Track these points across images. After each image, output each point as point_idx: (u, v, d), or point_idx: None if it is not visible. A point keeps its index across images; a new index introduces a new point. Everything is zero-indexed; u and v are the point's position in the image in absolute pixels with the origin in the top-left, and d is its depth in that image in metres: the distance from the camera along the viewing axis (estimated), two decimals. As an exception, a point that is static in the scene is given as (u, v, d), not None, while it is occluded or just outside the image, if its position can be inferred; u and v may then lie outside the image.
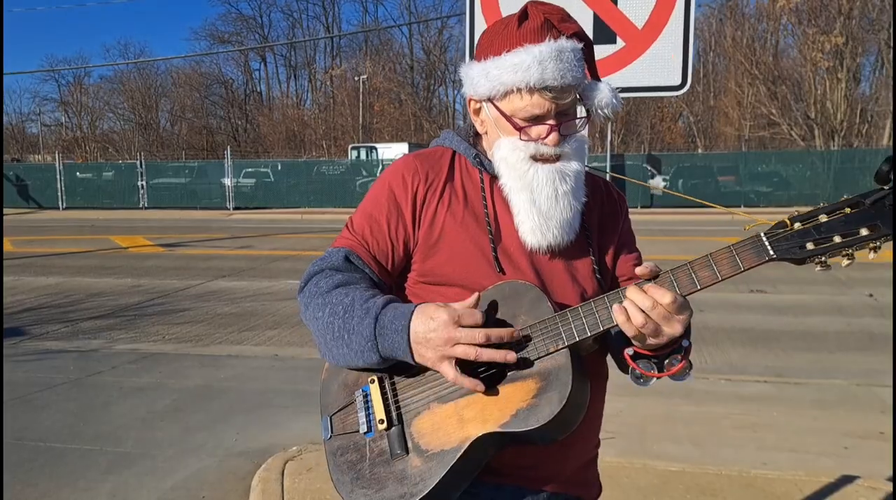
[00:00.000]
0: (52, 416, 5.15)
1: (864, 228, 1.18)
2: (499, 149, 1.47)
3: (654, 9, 2.36)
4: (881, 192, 1.18)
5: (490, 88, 1.42)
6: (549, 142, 1.42)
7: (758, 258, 1.26)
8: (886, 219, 1.18)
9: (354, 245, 1.52)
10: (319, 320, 1.44)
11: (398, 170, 1.56)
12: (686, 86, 2.42)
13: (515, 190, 1.44)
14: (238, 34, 54.52)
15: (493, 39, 1.45)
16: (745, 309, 8.44)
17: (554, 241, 1.45)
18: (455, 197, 1.51)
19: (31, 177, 31.33)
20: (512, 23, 1.44)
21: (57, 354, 6.84)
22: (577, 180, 1.47)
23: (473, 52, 2.58)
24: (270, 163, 31.28)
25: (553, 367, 1.31)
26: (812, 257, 1.21)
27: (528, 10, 1.45)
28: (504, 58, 1.40)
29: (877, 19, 30.32)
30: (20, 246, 16.33)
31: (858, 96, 32.18)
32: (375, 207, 1.54)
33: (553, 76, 1.37)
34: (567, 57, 1.38)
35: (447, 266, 1.47)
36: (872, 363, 6.10)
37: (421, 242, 1.51)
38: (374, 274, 1.51)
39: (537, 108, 1.40)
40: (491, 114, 1.47)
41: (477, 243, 1.46)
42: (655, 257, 9.23)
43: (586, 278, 1.50)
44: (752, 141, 36.10)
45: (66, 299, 9.77)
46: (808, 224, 1.22)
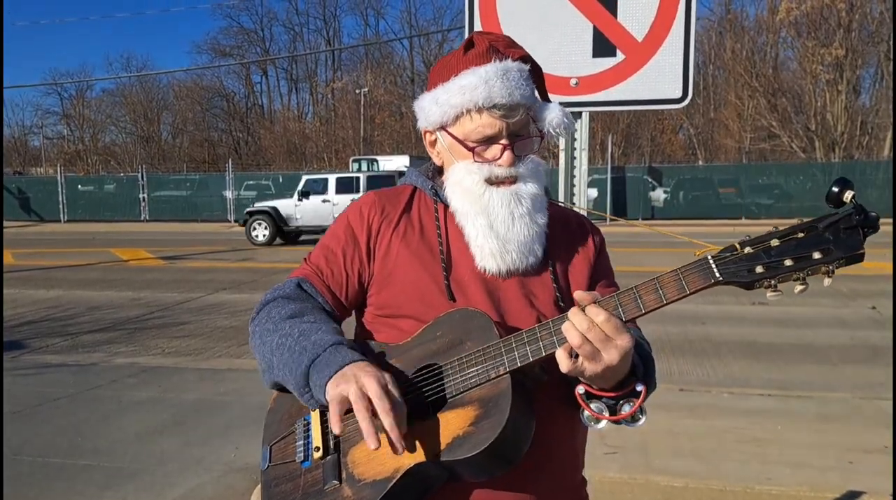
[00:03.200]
0: (51, 430, 5.12)
1: (817, 252, 1.15)
2: (453, 173, 1.46)
3: (654, 22, 2.35)
4: (834, 215, 1.16)
5: (441, 114, 1.43)
6: (502, 162, 1.40)
7: (704, 281, 1.22)
8: (840, 242, 1.15)
9: (309, 274, 1.52)
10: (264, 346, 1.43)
11: (357, 205, 1.57)
12: (687, 99, 2.41)
13: (471, 214, 1.43)
14: (239, 47, 54.78)
15: (441, 69, 1.47)
16: (747, 322, 8.41)
17: (513, 265, 1.42)
18: (410, 228, 1.50)
19: (32, 190, 31.40)
20: (458, 51, 1.47)
21: (56, 367, 6.82)
22: (535, 202, 1.44)
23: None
24: (272, 175, 31.35)
25: (493, 394, 1.26)
26: (761, 280, 1.18)
27: (474, 38, 1.48)
28: (452, 82, 1.41)
29: (876, 31, 30.42)
30: (21, 259, 16.33)
31: (859, 108, 32.24)
32: (332, 240, 1.54)
33: (500, 94, 1.37)
34: (513, 76, 1.40)
35: (401, 296, 1.45)
36: (876, 376, 6.06)
37: (376, 274, 1.49)
38: (327, 304, 1.50)
39: (488, 128, 1.40)
40: (445, 141, 1.47)
41: (430, 273, 1.44)
42: (655, 268, 9.15)
43: (545, 305, 1.45)
44: (753, 153, 36.13)
45: (67, 312, 9.75)
46: (758, 248, 1.18)
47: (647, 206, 26.02)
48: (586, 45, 2.39)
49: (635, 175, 26.80)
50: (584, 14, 2.38)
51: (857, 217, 1.15)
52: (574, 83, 2.41)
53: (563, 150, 2.63)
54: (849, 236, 1.15)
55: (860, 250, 1.16)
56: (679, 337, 7.60)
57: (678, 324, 8.11)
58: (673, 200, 25.81)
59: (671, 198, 25.83)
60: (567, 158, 2.56)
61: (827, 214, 1.17)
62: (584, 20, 2.39)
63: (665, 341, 7.37)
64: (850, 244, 1.15)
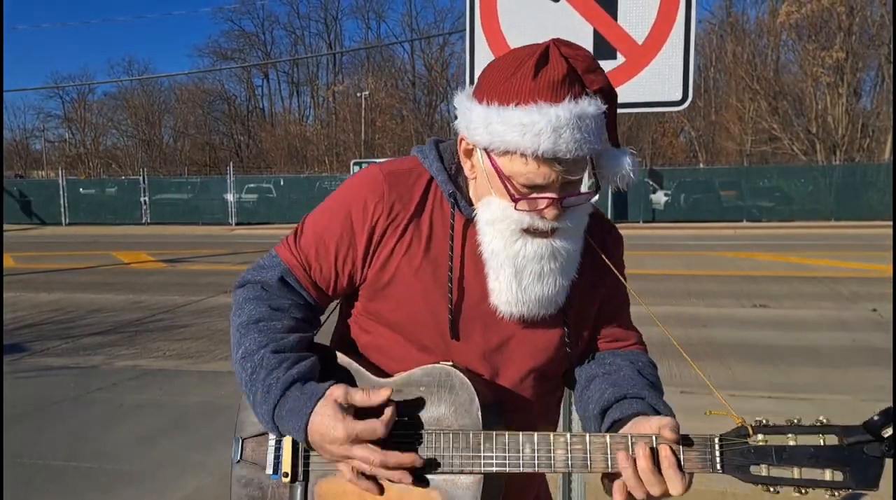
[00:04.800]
0: (53, 433, 5.12)
1: (829, 472, 1.05)
2: (487, 209, 1.28)
3: (655, 24, 2.36)
4: (863, 436, 1.03)
5: (489, 141, 1.21)
6: (546, 215, 1.23)
7: (702, 466, 1.14)
8: (858, 469, 1.04)
9: (294, 266, 1.39)
10: (234, 357, 1.36)
11: (362, 190, 1.37)
12: (687, 101, 2.41)
13: (499, 260, 1.28)
14: (241, 51, 54.92)
15: (500, 81, 1.21)
16: (748, 324, 8.41)
17: (528, 313, 1.30)
18: (417, 238, 1.34)
19: (34, 193, 31.44)
20: (527, 67, 1.19)
21: (57, 370, 6.82)
22: (570, 257, 1.30)
23: (473, 75, 2.57)
24: (273, 178, 31.40)
25: (460, 491, 1.22)
26: (760, 484, 1.10)
27: (550, 54, 1.20)
28: (512, 112, 1.17)
29: (877, 35, 30.46)
30: (22, 262, 16.35)
31: (860, 111, 32.27)
32: (328, 228, 1.38)
33: (568, 148, 1.16)
34: (588, 125, 1.17)
35: (392, 315, 1.36)
36: (878, 379, 6.06)
37: (369, 282, 1.37)
38: (311, 297, 1.40)
39: (540, 177, 1.20)
40: (484, 166, 1.26)
41: (428, 301, 1.33)
42: (658, 271, 9.23)
43: (547, 353, 1.38)
44: (754, 156, 36.18)
45: (67, 315, 9.76)
46: (772, 441, 1.09)
47: (647, 208, 26.03)
48: (586, 47, 2.39)
49: (636, 178, 26.78)
50: (584, 17, 2.39)
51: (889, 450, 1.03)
52: (575, 86, 2.41)
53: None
54: (869, 466, 1.04)
55: (875, 485, 1.03)
56: (681, 339, 7.59)
57: (680, 326, 8.11)
58: (674, 203, 25.83)
59: (672, 200, 25.84)
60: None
61: (857, 429, 1.04)
62: (585, 23, 2.39)
63: (666, 343, 7.35)
64: (867, 475, 1.04)
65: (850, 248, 16.27)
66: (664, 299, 10.06)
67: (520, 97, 1.17)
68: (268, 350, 1.30)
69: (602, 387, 1.37)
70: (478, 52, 2.48)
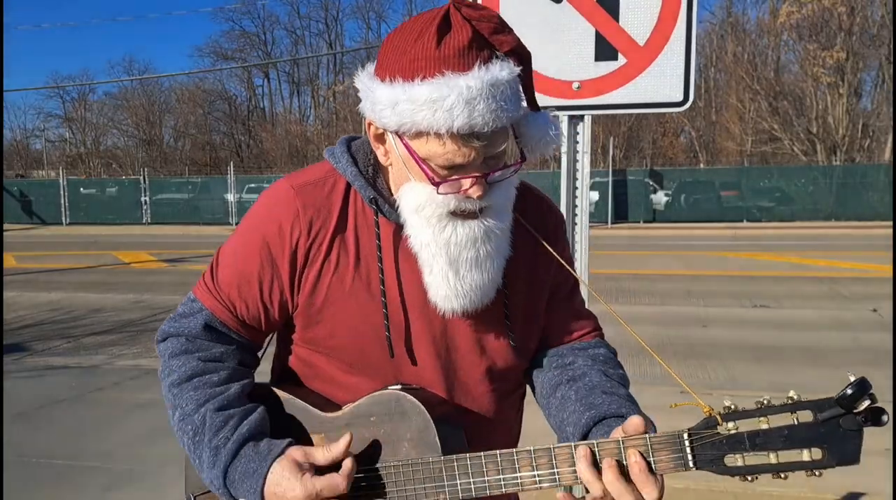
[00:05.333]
0: (54, 432, 5.13)
1: (807, 452, 0.99)
2: (408, 196, 1.17)
3: (656, 25, 2.37)
4: (836, 410, 0.97)
5: (399, 123, 1.09)
6: (472, 194, 1.13)
7: (675, 465, 1.05)
8: (836, 444, 0.98)
9: (218, 309, 1.26)
10: (171, 419, 1.26)
11: (274, 211, 1.25)
12: (688, 102, 2.42)
13: (430, 251, 1.18)
14: (241, 51, 54.87)
15: (401, 54, 1.09)
16: (749, 324, 8.42)
17: (470, 306, 1.21)
18: (345, 253, 1.24)
19: (34, 193, 31.46)
20: (428, 35, 1.07)
21: (59, 370, 6.83)
22: (503, 236, 1.21)
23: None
24: (273, 178, 31.21)
25: None
26: (737, 475, 1.03)
27: (452, 18, 1.08)
28: (418, 88, 1.06)
29: (877, 35, 30.45)
30: (23, 262, 16.36)
31: (860, 111, 32.26)
32: (246, 261, 1.26)
33: (484, 120, 1.05)
34: (503, 91, 1.07)
35: (332, 340, 1.27)
36: (878, 379, 6.03)
37: (301, 308, 1.26)
38: (243, 339, 1.30)
39: (460, 156, 1.09)
40: (399, 150, 1.15)
41: (367, 319, 1.24)
42: (659, 271, 9.23)
43: (497, 352, 1.29)
44: (754, 156, 36.16)
45: (69, 314, 9.77)
46: (743, 427, 1.02)
47: (648, 209, 26.03)
48: (588, 48, 2.41)
49: (636, 178, 26.82)
50: (586, 18, 2.40)
51: (866, 421, 0.97)
52: (576, 87, 2.43)
53: (565, 153, 2.65)
54: (848, 439, 0.98)
55: (856, 460, 0.98)
56: (681, 339, 7.61)
57: (680, 327, 8.12)
58: (674, 203, 25.83)
59: (672, 201, 25.85)
60: (569, 161, 2.58)
61: (830, 403, 0.98)
62: (587, 24, 2.40)
63: (667, 343, 7.37)
64: (847, 451, 0.98)
65: (851, 248, 16.28)
66: (665, 298, 10.07)
67: (425, 70, 1.06)
68: (209, 408, 1.21)
69: (575, 407, 1.26)
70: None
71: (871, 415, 0.97)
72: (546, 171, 25.82)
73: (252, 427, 1.20)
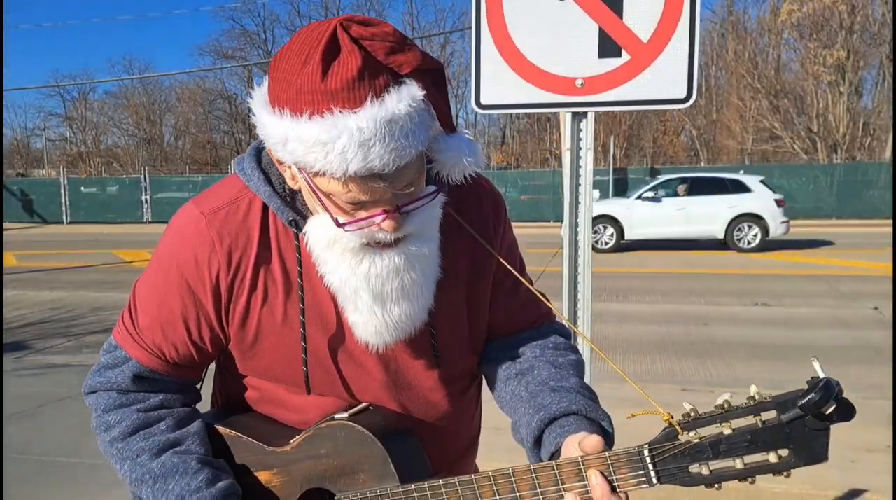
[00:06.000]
0: (57, 430, 5.14)
1: (773, 454, 0.94)
2: (316, 232, 1.07)
3: (660, 22, 2.38)
4: (802, 414, 0.92)
5: (293, 161, 1.00)
6: (385, 228, 1.03)
7: (636, 482, 1.01)
8: (802, 445, 0.93)
9: (145, 358, 1.17)
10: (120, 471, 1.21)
11: (187, 245, 1.14)
12: (691, 99, 2.43)
13: (352, 286, 1.08)
14: (242, 50, 54.84)
15: (288, 81, 0.97)
16: (750, 322, 8.42)
17: (404, 335, 1.14)
18: (273, 283, 1.15)
19: (35, 192, 31.47)
20: (313, 61, 0.94)
21: (61, 368, 6.84)
22: (430, 259, 1.11)
23: (479, 76, 2.57)
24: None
25: None
26: (702, 484, 0.99)
27: (339, 37, 0.95)
28: (306, 126, 0.94)
29: (878, 33, 30.45)
30: (24, 260, 16.37)
31: (861, 110, 32.27)
32: (166, 302, 1.16)
33: (383, 162, 0.94)
34: (402, 127, 0.94)
35: (273, 371, 1.20)
36: (878, 376, 6.07)
37: (234, 341, 1.18)
38: (179, 381, 1.22)
39: (364, 195, 0.99)
40: (302, 182, 1.06)
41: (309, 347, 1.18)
42: (660, 270, 9.21)
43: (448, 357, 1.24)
44: (755, 154, 36.17)
45: (70, 313, 9.78)
46: (706, 435, 0.97)
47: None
48: (592, 45, 2.42)
49: (637, 177, 26.81)
50: (589, 15, 2.40)
51: (833, 420, 0.93)
52: (580, 84, 2.43)
53: (567, 150, 2.65)
54: (814, 438, 0.93)
55: (824, 458, 0.94)
56: (682, 337, 7.61)
57: (681, 324, 8.13)
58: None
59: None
60: (573, 158, 2.58)
61: (794, 401, 0.92)
62: (590, 21, 2.41)
63: (668, 341, 7.38)
64: (814, 449, 0.94)
65: (851, 246, 16.28)
66: (665, 297, 10.07)
67: (312, 105, 0.94)
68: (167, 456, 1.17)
69: (525, 409, 1.20)
70: (484, 52, 2.49)
71: (839, 414, 0.92)
72: (547, 169, 25.81)
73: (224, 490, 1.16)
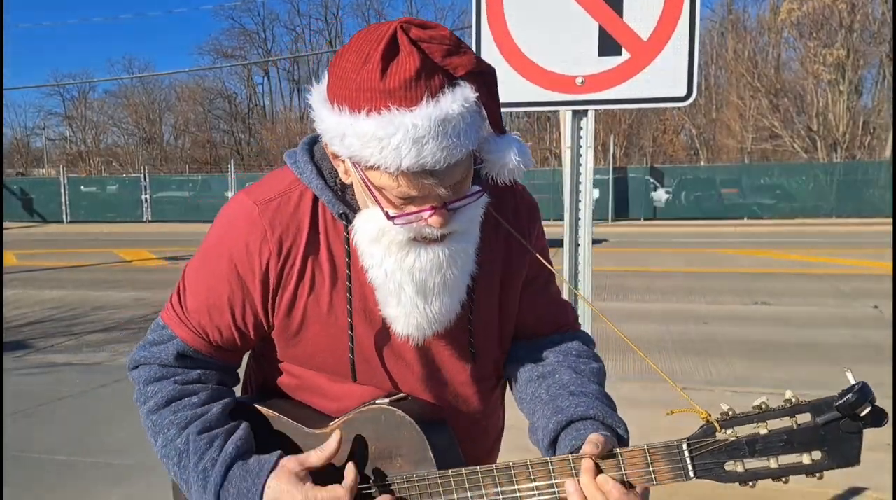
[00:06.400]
0: (58, 429, 5.15)
1: (807, 455, 0.98)
2: (364, 226, 1.11)
3: (659, 21, 2.38)
4: (838, 416, 0.96)
5: (349, 155, 1.04)
6: (432, 224, 1.07)
7: (674, 475, 1.03)
8: (836, 447, 0.97)
9: (190, 337, 1.21)
10: (154, 446, 1.23)
11: (240, 233, 1.18)
12: (691, 97, 2.44)
13: (396, 280, 1.12)
14: (241, 49, 54.85)
15: (347, 80, 1.01)
16: (750, 321, 8.43)
17: (441, 329, 1.18)
18: (320, 273, 1.18)
19: (35, 191, 31.48)
20: (373, 61, 0.98)
21: (62, 367, 6.85)
22: (469, 256, 1.16)
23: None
24: (274, 176, 31.39)
25: None
26: (737, 482, 1.02)
27: (399, 41, 0.99)
28: (363, 122, 0.99)
29: (878, 32, 30.44)
30: (24, 260, 16.37)
31: (861, 109, 32.26)
32: (214, 286, 1.20)
33: (435, 159, 0.98)
34: (455, 126, 0.99)
35: (315, 359, 1.24)
36: (879, 375, 6.06)
37: (279, 329, 1.22)
38: (220, 361, 1.26)
39: (414, 190, 1.03)
40: (355, 175, 1.10)
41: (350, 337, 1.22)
42: (660, 269, 9.19)
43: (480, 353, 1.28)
44: (755, 153, 36.16)
45: (71, 312, 9.79)
46: (743, 434, 0.99)
47: (648, 206, 26.05)
48: (592, 43, 2.42)
49: (637, 176, 26.84)
50: (590, 13, 2.41)
51: (865, 424, 0.97)
52: (580, 82, 2.44)
53: (567, 148, 2.66)
54: (847, 442, 0.97)
55: (857, 461, 0.98)
56: (682, 336, 7.62)
57: (681, 323, 8.13)
58: (675, 201, 25.85)
59: (673, 198, 25.88)
60: (573, 157, 2.59)
61: (829, 404, 0.97)
62: (591, 20, 2.41)
63: (668, 340, 7.39)
64: (847, 452, 0.97)
65: (851, 245, 16.29)
66: (666, 296, 10.08)
67: (370, 103, 0.98)
68: (191, 432, 1.18)
69: (543, 411, 1.24)
70: (484, 51, 2.49)
71: (872, 418, 0.96)
72: (547, 168, 25.82)
73: (238, 446, 1.18)
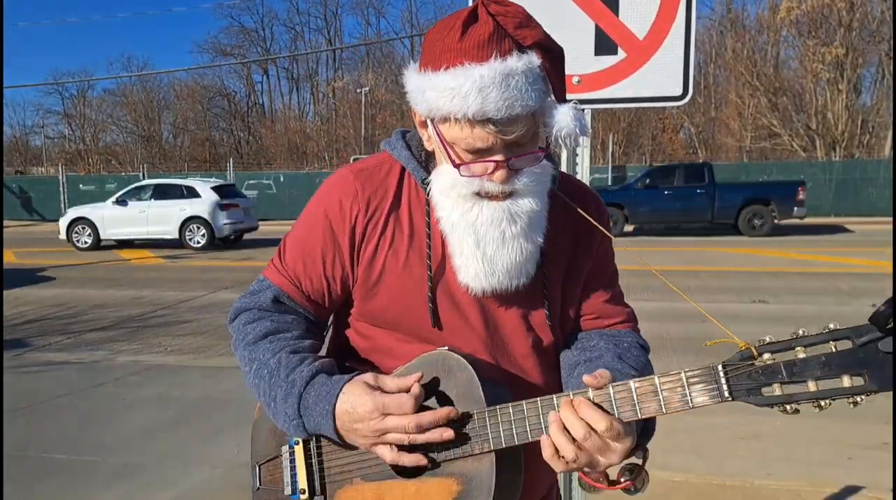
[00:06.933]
0: (56, 427, 5.15)
1: (847, 377, 0.97)
2: (438, 179, 1.26)
3: (656, 20, 2.38)
4: (874, 333, 0.97)
5: (428, 110, 1.20)
6: (495, 179, 1.20)
7: (710, 398, 1.07)
8: (876, 369, 0.97)
9: (285, 284, 1.37)
10: (247, 375, 1.35)
11: (335, 193, 1.36)
12: (688, 96, 2.43)
13: (459, 231, 1.25)
14: (240, 47, 54.78)
15: (434, 46, 1.19)
16: (747, 320, 8.43)
17: (500, 286, 1.27)
18: (399, 231, 1.33)
19: (34, 189, 31.43)
20: (455, 28, 1.16)
21: (60, 365, 6.85)
22: (532, 220, 1.25)
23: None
24: (273, 175, 31.36)
25: (475, 471, 1.21)
26: (775, 405, 1.01)
27: (479, 12, 1.17)
28: (441, 77, 1.15)
29: (877, 31, 30.43)
30: (23, 258, 16.36)
31: (859, 107, 32.25)
32: (310, 240, 1.37)
33: (496, 107, 1.12)
34: (517, 82, 1.12)
35: (389, 312, 1.34)
36: (876, 374, 6.08)
37: (360, 281, 1.35)
38: (310, 313, 1.39)
39: (479, 141, 1.16)
40: (433, 135, 1.24)
41: (421, 291, 1.31)
42: (658, 267, 9.17)
43: (541, 328, 1.36)
44: (754, 152, 36.16)
45: (69, 310, 9.78)
46: (780, 358, 1.00)
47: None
48: (588, 43, 2.42)
49: (636, 174, 26.81)
50: (586, 13, 2.41)
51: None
52: (576, 81, 2.44)
53: (565, 147, 2.65)
54: (886, 364, 0.97)
55: None
56: (679, 334, 7.62)
57: (678, 321, 8.14)
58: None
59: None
60: (569, 156, 2.59)
61: (866, 327, 0.98)
62: (587, 19, 2.41)
63: (665, 338, 7.39)
64: (886, 375, 0.97)
65: (850, 243, 16.30)
66: (663, 294, 10.08)
67: (449, 61, 1.15)
68: (284, 353, 1.30)
69: (581, 383, 1.30)
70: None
71: None
72: (545, 167, 25.71)
73: (325, 363, 1.30)
